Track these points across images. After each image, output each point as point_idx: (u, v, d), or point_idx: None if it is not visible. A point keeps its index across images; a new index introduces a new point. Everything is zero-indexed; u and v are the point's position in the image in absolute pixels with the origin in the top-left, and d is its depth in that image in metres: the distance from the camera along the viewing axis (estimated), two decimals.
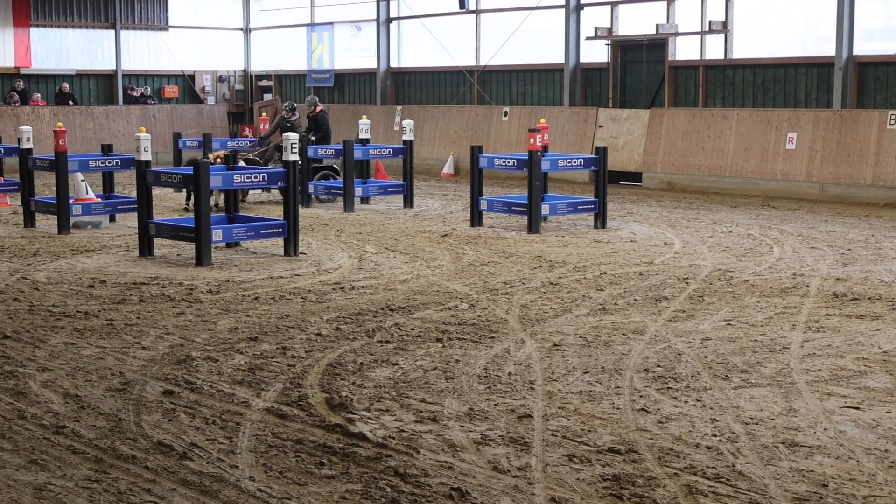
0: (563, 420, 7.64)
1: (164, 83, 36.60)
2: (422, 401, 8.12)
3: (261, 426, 7.55)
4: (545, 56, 29.53)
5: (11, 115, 31.31)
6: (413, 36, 33.11)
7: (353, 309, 11.46)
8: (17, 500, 6.24)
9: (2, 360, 9.38)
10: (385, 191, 22.02)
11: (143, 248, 15.22)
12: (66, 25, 34.75)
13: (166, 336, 10.26)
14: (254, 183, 15.73)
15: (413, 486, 6.42)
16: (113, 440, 7.27)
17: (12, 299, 12.06)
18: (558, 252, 15.38)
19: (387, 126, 31.52)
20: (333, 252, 15.47)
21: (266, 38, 37.90)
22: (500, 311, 11.36)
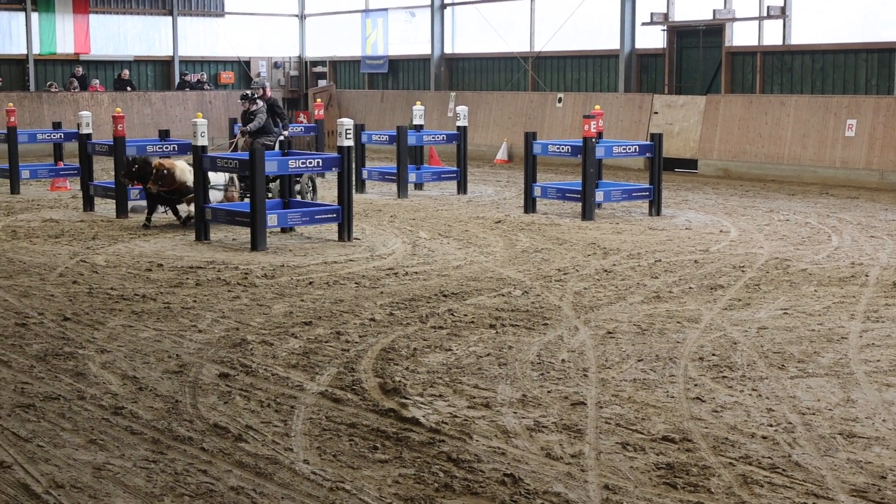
0: (617, 408, 7.62)
1: (220, 69, 36.82)
2: (475, 387, 8.13)
3: (315, 410, 7.60)
4: (600, 42, 29.37)
5: (71, 100, 31.64)
6: (467, 22, 33.05)
7: (407, 294, 11.49)
8: (76, 479, 6.32)
9: (62, 341, 9.50)
10: (439, 177, 22.03)
11: (199, 232, 15.34)
12: (125, 12, 35.05)
13: (222, 319, 10.34)
14: (308, 168, 15.78)
15: (466, 472, 6.43)
16: (170, 421, 7.34)
17: (72, 282, 12.21)
18: (612, 239, 15.32)
19: (441, 112, 31.51)
20: (387, 238, 15.51)
21: (321, 24, 38.00)
22: (554, 297, 11.34)
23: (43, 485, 6.24)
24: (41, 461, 6.60)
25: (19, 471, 6.44)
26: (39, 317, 10.46)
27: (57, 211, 18.50)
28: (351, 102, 35.05)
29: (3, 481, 6.29)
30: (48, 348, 9.26)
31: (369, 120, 32.65)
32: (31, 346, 9.37)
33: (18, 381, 8.30)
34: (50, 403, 7.75)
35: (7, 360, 8.91)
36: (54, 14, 33.51)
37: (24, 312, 10.65)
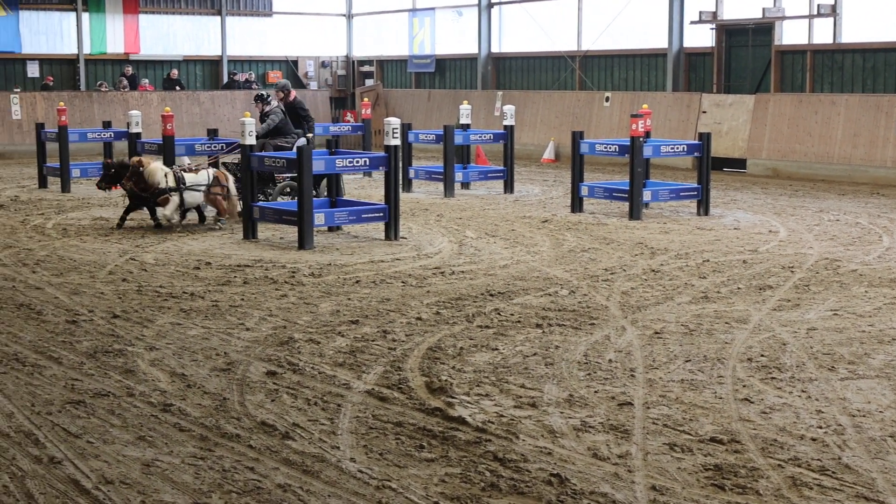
0: (664, 408, 7.58)
1: (268, 68, 37.01)
2: (521, 386, 8.12)
3: (361, 408, 7.61)
4: (648, 41, 29.24)
5: (121, 100, 31.92)
6: (514, 21, 33.01)
7: (453, 293, 11.49)
8: (126, 475, 6.37)
9: (111, 338, 9.59)
10: (485, 176, 22.01)
11: (247, 230, 15.43)
12: (174, 12, 35.32)
13: (269, 318, 10.39)
14: (355, 167, 15.83)
15: (512, 472, 6.42)
16: (218, 419, 7.39)
17: (121, 280, 12.31)
18: (660, 239, 15.24)
19: (487, 111, 31.50)
20: (434, 237, 15.52)
21: (368, 23, 38.10)
22: (601, 297, 11.30)
23: (93, 480, 6.29)
24: (91, 457, 6.66)
25: (69, 466, 6.51)
26: (89, 314, 10.56)
27: (107, 209, 18.66)
28: (398, 101, 35.11)
29: (53, 477, 6.36)
30: (98, 345, 9.35)
31: (416, 119, 32.69)
32: (82, 343, 9.46)
33: (69, 378, 8.38)
34: (100, 400, 7.82)
35: (58, 356, 9.01)
36: (104, 14, 33.84)
37: (74, 310, 10.76)
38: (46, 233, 15.98)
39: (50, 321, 10.27)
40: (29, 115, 30.27)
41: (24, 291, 11.67)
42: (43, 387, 8.16)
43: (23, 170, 26.19)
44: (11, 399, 7.84)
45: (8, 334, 9.76)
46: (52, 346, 9.36)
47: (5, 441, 6.95)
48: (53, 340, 9.54)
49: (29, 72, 33.24)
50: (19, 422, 7.33)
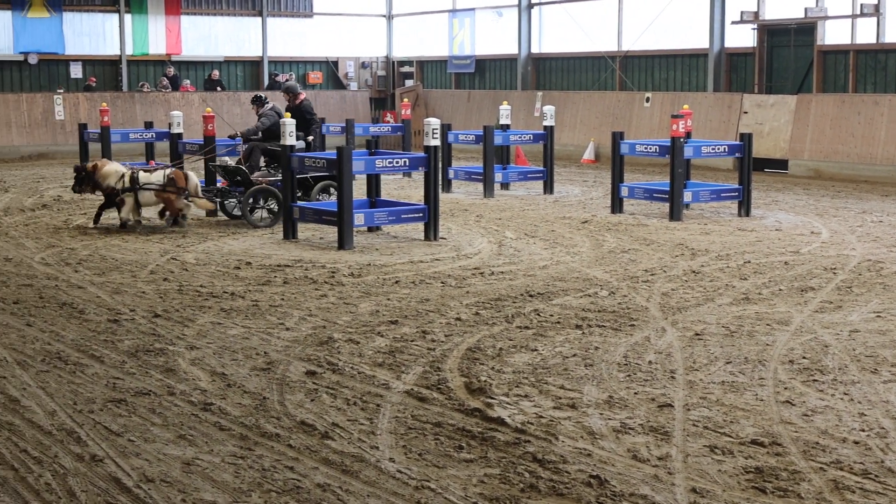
0: (705, 410, 7.54)
1: (308, 69, 37.13)
2: (561, 387, 8.10)
3: (401, 408, 7.62)
4: (689, 41, 29.09)
5: (162, 100, 32.13)
6: (554, 21, 32.94)
7: (493, 294, 11.48)
8: (166, 473, 6.41)
9: (152, 337, 9.65)
10: (525, 177, 21.99)
11: (287, 231, 15.48)
12: (215, 13, 35.51)
13: (309, 318, 10.42)
14: (395, 168, 15.85)
15: (551, 473, 6.41)
16: (258, 418, 7.42)
17: (162, 279, 12.39)
18: (701, 240, 15.16)
19: (527, 112, 31.45)
20: (473, 237, 15.52)
21: (408, 24, 38.14)
22: (641, 298, 11.26)
23: (134, 479, 6.33)
24: (132, 455, 6.71)
25: (111, 464, 6.55)
26: (131, 313, 10.63)
27: (148, 209, 18.77)
28: (437, 102, 35.13)
29: (95, 475, 6.40)
30: (139, 344, 9.41)
31: (456, 119, 32.68)
32: (123, 342, 9.52)
33: (110, 377, 8.44)
34: (141, 399, 7.87)
35: (99, 355, 9.07)
36: (147, 15, 34.07)
37: (116, 309, 10.83)
38: (89, 232, 16.11)
39: (92, 320, 10.35)
40: (72, 116, 30.53)
41: (66, 290, 11.77)
42: (85, 385, 8.22)
43: (66, 170, 26.38)
44: (54, 397, 7.91)
45: (51, 333, 9.85)
46: (94, 344, 9.43)
47: (48, 439, 7.01)
48: (95, 339, 9.61)
49: (72, 73, 33.52)
50: (61, 420, 7.39)
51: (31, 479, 6.33)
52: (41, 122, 30.53)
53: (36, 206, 19.03)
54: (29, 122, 30.40)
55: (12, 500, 6.04)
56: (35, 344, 9.46)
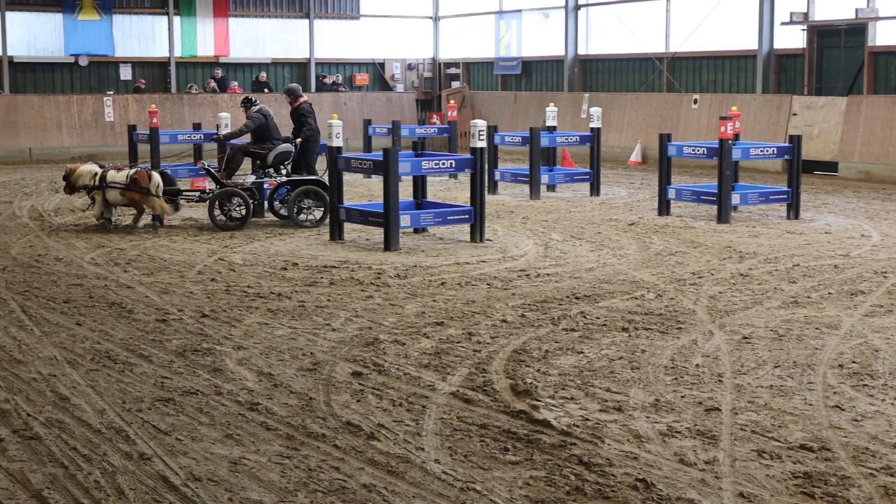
0: (753, 414, 7.49)
1: (355, 71, 37.23)
2: (607, 390, 8.07)
3: (446, 410, 7.62)
4: (737, 42, 28.90)
5: (210, 102, 32.34)
6: (601, 22, 32.83)
7: (539, 296, 11.45)
8: (213, 472, 6.45)
9: (200, 337, 9.71)
10: (571, 178, 21.93)
11: (333, 232, 15.53)
12: (263, 15, 35.68)
13: (355, 318, 10.44)
14: (441, 169, 15.86)
15: (597, 476, 6.38)
16: (304, 418, 7.44)
17: (210, 280, 12.47)
18: (749, 243, 15.06)
19: (574, 114, 31.37)
20: (519, 239, 15.50)
21: (454, 25, 38.15)
22: (688, 301, 11.19)
23: (181, 477, 6.37)
24: (180, 454, 6.75)
25: (159, 463, 6.60)
26: (179, 313, 10.70)
27: (196, 210, 18.89)
28: (484, 104, 35.12)
29: (143, 473, 6.45)
30: (187, 344, 9.47)
31: (502, 121, 32.65)
32: (171, 341, 9.59)
33: (158, 376, 8.50)
34: (188, 398, 7.93)
35: (148, 355, 9.14)
36: (195, 18, 34.30)
37: (164, 309, 10.91)
38: (137, 233, 16.23)
39: (140, 320, 10.43)
40: (121, 117, 30.80)
41: (115, 290, 11.87)
42: (133, 384, 8.29)
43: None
44: (103, 396, 7.98)
45: (100, 332, 9.94)
46: (142, 344, 9.50)
47: (97, 437, 7.07)
48: (144, 339, 9.69)
49: (122, 74, 33.81)
50: (110, 418, 7.45)
51: (81, 477, 6.39)
52: (91, 123, 30.83)
53: (86, 207, 19.18)
54: (79, 124, 30.70)
55: (62, 497, 6.10)
56: (85, 343, 9.55)
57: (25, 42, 32.54)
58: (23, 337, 9.77)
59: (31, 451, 6.82)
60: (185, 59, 34.48)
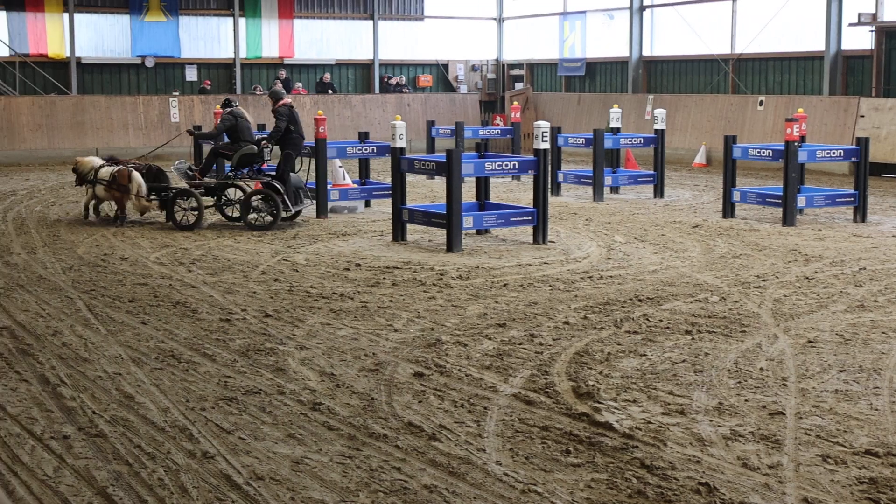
0: (818, 419, 7.40)
1: (418, 72, 37.31)
2: (670, 393, 8.02)
3: (508, 411, 7.61)
4: (804, 43, 28.60)
5: None
6: (666, 23, 32.64)
7: (601, 298, 11.41)
8: (275, 471, 6.49)
9: (263, 337, 9.78)
10: (635, 180, 21.82)
11: (396, 233, 15.58)
12: (327, 17, 35.88)
13: (417, 319, 10.46)
14: (504, 171, 15.85)
15: (659, 479, 6.34)
16: (365, 418, 7.47)
17: (273, 280, 12.55)
18: (814, 246, 14.89)
19: (638, 115, 31.21)
20: (582, 241, 15.44)
21: (518, 27, 38.11)
22: (753, 304, 11.09)
23: (244, 476, 6.42)
24: (242, 453, 6.80)
25: (222, 461, 6.65)
26: (242, 313, 10.79)
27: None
28: (547, 105, 35.04)
29: (206, 471, 6.51)
30: (250, 344, 9.54)
31: (565, 122, 32.58)
32: (235, 341, 9.67)
33: (222, 375, 8.57)
34: (251, 397, 7.98)
35: (211, 354, 9.22)
36: (260, 19, 34.58)
37: (228, 308, 11.00)
38: (202, 233, 16.39)
39: (204, 319, 10.52)
40: (187, 118, 31.10)
41: (180, 290, 11.99)
42: (197, 383, 8.36)
43: None
44: (167, 394, 8.06)
45: (164, 331, 10.04)
46: (206, 343, 9.59)
47: (161, 435, 7.15)
48: (208, 338, 9.77)
49: (187, 75, 34.17)
50: (174, 417, 7.52)
51: (145, 475, 6.46)
52: (157, 123, 31.16)
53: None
54: (145, 124, 31.05)
55: (126, 495, 6.17)
56: (149, 342, 9.66)
57: (93, 43, 33.00)
58: (89, 335, 9.90)
59: (97, 448, 6.91)
60: (251, 60, 34.77)
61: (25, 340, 9.72)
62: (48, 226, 17.20)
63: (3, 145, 29.07)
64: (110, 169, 17.22)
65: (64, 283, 12.42)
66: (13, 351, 9.36)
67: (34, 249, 14.84)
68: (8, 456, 6.76)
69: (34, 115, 29.69)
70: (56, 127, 29.98)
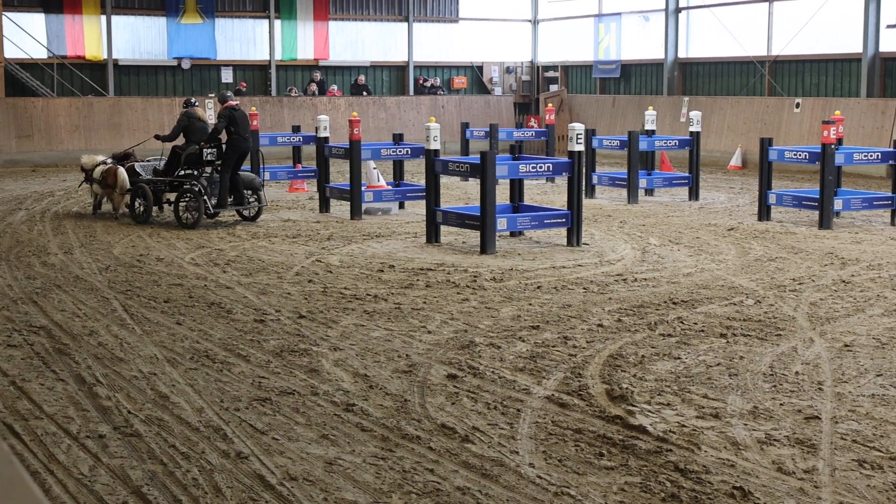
0: (854, 423, 7.34)
1: (453, 74, 37.33)
2: (704, 396, 7.98)
3: (541, 414, 7.60)
4: (841, 45, 28.40)
5: (310, 105, 32.66)
6: (702, 25, 32.50)
7: (636, 301, 11.37)
8: (309, 472, 6.51)
9: (297, 338, 9.80)
10: (670, 183, 21.74)
11: (430, 234, 15.59)
12: (362, 19, 35.96)
13: (451, 321, 10.46)
14: (538, 173, 15.84)
15: (693, 483, 6.31)
16: (399, 420, 7.47)
17: (307, 281, 12.59)
18: (851, 249, 14.78)
19: (673, 117, 31.10)
20: (616, 243, 15.40)
21: (553, 29, 38.06)
22: (788, 308, 11.02)
23: (277, 476, 6.44)
24: (276, 453, 6.83)
25: (255, 462, 6.68)
26: (276, 314, 10.82)
27: (294, 212, 19.12)
28: (582, 107, 34.97)
29: (240, 471, 6.53)
30: (284, 344, 9.57)
31: (600, 124, 32.51)
32: (269, 341, 9.70)
33: (256, 376, 8.60)
34: (285, 398, 8.01)
35: (246, 354, 9.26)
36: (296, 21, 34.70)
37: (262, 309, 11.04)
38: (237, 234, 16.46)
39: (239, 320, 10.57)
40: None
41: (214, 290, 12.04)
42: (231, 383, 8.40)
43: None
44: (202, 395, 8.09)
45: (199, 332, 10.09)
46: (240, 344, 9.62)
47: (195, 435, 7.18)
48: (242, 339, 9.81)
49: (223, 77, 34.33)
50: (209, 417, 7.56)
51: (179, 474, 6.49)
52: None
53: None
54: None
55: (161, 494, 6.20)
56: (184, 342, 9.71)
57: (130, 45, 33.21)
58: (124, 335, 9.96)
59: (132, 447, 6.95)
60: (286, 62, 34.90)
61: (62, 340, 9.79)
62: (85, 226, 17.33)
63: (41, 146, 29.31)
64: (101, 167, 18.48)
65: (100, 283, 12.51)
66: (50, 350, 9.43)
67: (71, 250, 14.96)
68: (44, 455, 6.81)
69: (72, 116, 29.92)
70: (93, 128, 30.20)
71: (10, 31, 31.23)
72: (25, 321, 10.57)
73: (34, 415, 7.63)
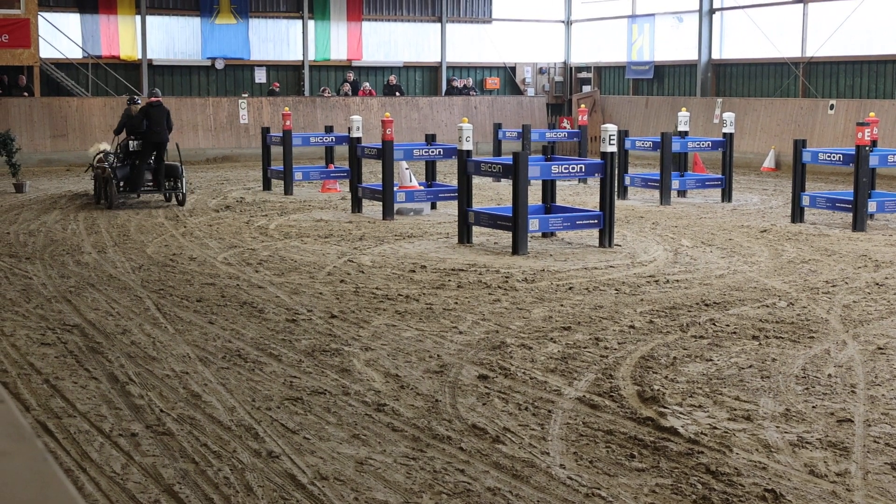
0: (887, 427, 7.30)
1: (486, 75, 37.32)
2: (736, 398, 7.95)
3: (572, 415, 7.59)
4: (876, 47, 28.20)
5: (343, 105, 32.73)
6: (736, 26, 32.35)
7: (667, 302, 11.33)
8: (340, 472, 6.53)
9: (329, 338, 9.83)
10: (703, 184, 21.66)
11: (462, 235, 15.60)
12: (395, 19, 36.02)
13: (482, 322, 10.47)
14: (571, 174, 15.82)
15: (724, 485, 6.29)
16: (430, 420, 7.48)
17: (339, 281, 12.62)
18: (885, 251, 14.68)
19: (706, 119, 30.97)
20: (648, 245, 15.36)
21: (586, 29, 37.99)
22: (821, 310, 10.96)
23: (308, 476, 6.46)
24: (307, 453, 6.85)
25: (286, 461, 6.70)
26: (308, 313, 10.86)
27: (327, 212, 19.17)
28: (615, 108, 34.89)
29: (271, 470, 6.56)
30: (316, 344, 9.60)
31: (633, 126, 32.42)
32: (300, 341, 9.73)
33: (287, 375, 8.64)
34: (316, 398, 8.03)
35: (278, 354, 9.29)
36: (329, 22, 34.80)
37: (294, 309, 11.08)
38: (269, 233, 16.52)
39: (271, 319, 10.61)
40: (255, 120, 31.37)
41: (247, 290, 12.09)
42: (263, 383, 8.43)
43: (248, 172, 27.17)
44: (234, 394, 8.13)
45: (231, 331, 10.13)
46: (272, 343, 9.66)
47: (227, 434, 7.21)
48: (274, 338, 9.85)
49: (256, 78, 34.47)
50: (240, 416, 7.59)
51: (211, 473, 6.52)
52: (226, 125, 31.47)
53: (219, 208, 19.64)
54: (215, 126, 31.37)
55: (193, 493, 6.23)
56: (216, 341, 9.76)
57: (164, 45, 33.40)
58: (157, 334, 10.02)
59: (164, 446, 6.99)
60: (319, 62, 34.99)
61: (95, 338, 9.86)
62: (118, 225, 17.44)
63: (75, 146, 29.51)
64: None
65: (133, 282, 12.59)
66: (83, 349, 9.50)
67: (104, 249, 15.06)
68: (77, 452, 6.86)
69: (106, 116, 30.10)
70: None
71: (46, 31, 31.48)
72: (59, 320, 10.65)
73: (67, 413, 7.69)
